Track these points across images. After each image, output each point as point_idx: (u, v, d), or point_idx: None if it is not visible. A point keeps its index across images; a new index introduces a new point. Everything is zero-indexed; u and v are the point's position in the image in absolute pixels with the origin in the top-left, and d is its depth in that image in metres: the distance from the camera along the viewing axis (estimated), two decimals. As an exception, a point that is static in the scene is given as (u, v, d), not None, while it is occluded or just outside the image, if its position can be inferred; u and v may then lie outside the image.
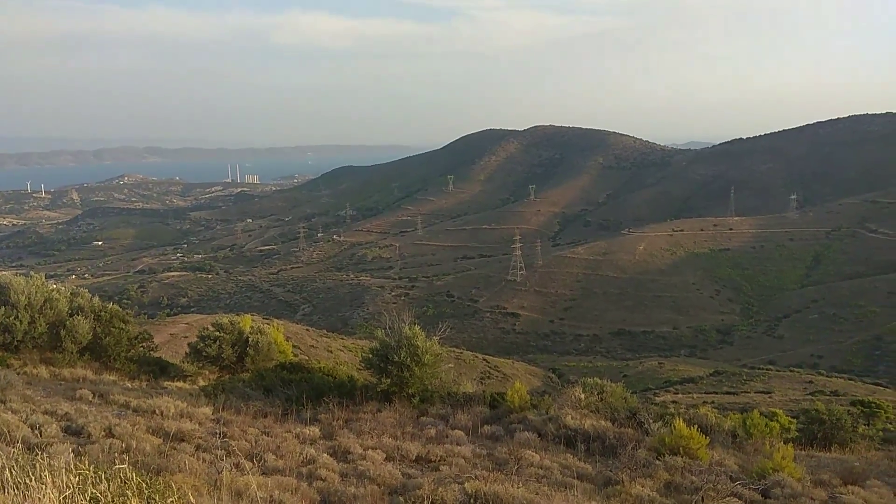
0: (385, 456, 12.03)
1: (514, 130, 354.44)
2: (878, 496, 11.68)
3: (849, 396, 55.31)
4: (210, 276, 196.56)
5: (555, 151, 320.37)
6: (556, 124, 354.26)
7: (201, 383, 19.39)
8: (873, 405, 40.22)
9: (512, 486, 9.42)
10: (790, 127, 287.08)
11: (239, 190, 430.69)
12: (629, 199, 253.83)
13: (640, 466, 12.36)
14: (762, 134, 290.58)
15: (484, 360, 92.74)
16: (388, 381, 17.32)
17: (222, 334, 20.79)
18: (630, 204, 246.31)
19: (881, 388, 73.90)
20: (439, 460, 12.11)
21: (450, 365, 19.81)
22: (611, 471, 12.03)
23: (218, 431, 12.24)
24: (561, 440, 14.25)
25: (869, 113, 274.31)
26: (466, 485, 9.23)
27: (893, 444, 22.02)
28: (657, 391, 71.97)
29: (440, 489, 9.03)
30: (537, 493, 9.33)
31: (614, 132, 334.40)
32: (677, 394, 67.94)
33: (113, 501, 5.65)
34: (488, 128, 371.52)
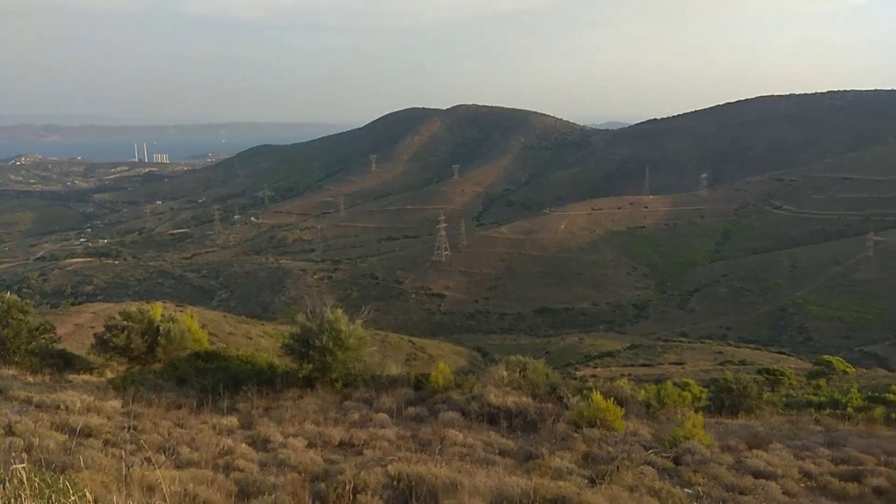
0: (307, 443, 11.83)
1: (438, 109, 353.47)
2: (780, 458, 12.42)
3: (755, 365, 58.65)
4: (117, 263, 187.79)
5: (478, 131, 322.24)
6: (479, 104, 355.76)
7: (109, 375, 18.53)
8: (777, 373, 42.95)
9: (435, 465, 9.42)
10: (702, 108, 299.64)
11: (147, 170, 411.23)
12: (551, 178, 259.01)
13: (560, 440, 12.66)
14: (676, 115, 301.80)
15: (410, 341, 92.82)
16: (310, 366, 17.01)
17: (131, 323, 19.86)
18: (551, 183, 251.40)
19: (785, 356, 79.01)
20: (363, 444, 12.02)
21: (374, 348, 19.67)
22: (532, 445, 12.26)
23: (128, 425, 11.71)
24: (484, 418, 14.42)
25: (774, 94, 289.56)
26: (389, 467, 9.17)
27: (794, 409, 23.47)
28: (578, 366, 74.19)
29: (363, 473, 8.94)
30: (460, 472, 9.37)
31: (536, 112, 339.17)
32: (596, 368, 70.25)
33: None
34: (411, 106, 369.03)
